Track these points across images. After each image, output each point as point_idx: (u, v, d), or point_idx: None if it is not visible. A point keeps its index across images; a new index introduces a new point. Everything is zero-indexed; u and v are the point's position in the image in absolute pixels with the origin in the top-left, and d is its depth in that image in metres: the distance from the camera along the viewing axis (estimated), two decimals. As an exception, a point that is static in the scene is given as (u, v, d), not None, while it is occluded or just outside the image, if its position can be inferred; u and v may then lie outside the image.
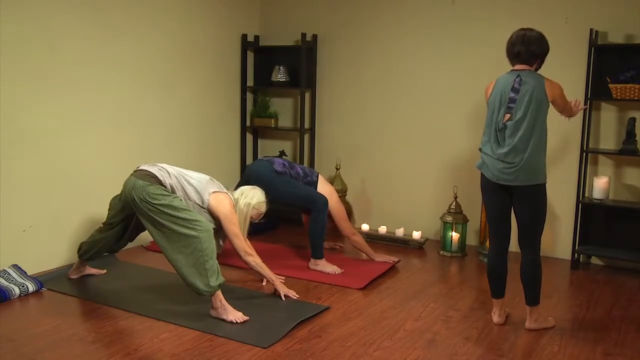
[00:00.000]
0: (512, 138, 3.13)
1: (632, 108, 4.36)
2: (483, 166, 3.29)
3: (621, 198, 4.47)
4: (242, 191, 3.72)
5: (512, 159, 3.13)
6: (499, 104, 3.19)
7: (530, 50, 3.16)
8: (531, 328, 3.28)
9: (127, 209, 3.52)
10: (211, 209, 3.50)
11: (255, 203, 3.69)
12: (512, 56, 3.24)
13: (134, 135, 4.61)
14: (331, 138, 5.57)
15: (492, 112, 3.23)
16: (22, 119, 3.83)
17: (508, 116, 3.15)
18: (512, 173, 3.14)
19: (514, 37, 3.22)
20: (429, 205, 5.11)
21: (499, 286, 3.34)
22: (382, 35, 5.22)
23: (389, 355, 2.94)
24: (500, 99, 3.18)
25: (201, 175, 3.61)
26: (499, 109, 3.19)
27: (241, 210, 3.64)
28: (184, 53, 5.00)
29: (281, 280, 3.76)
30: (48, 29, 3.93)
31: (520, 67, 3.21)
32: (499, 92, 3.20)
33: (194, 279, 3.19)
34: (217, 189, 3.56)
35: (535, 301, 3.26)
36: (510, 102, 3.15)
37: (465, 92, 4.90)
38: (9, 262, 3.75)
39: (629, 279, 4.24)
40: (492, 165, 3.21)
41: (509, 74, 3.23)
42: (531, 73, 3.18)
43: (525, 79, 3.14)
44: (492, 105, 3.23)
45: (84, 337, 3.04)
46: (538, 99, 3.11)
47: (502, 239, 3.33)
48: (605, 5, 4.37)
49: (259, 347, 2.95)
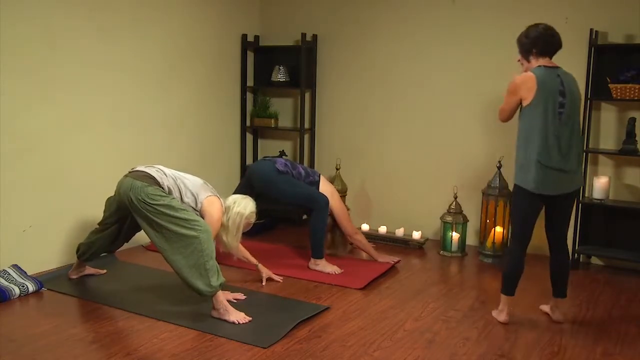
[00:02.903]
0: (569, 145, 3.09)
1: (632, 108, 4.36)
2: (528, 179, 3.12)
3: (621, 198, 4.47)
4: (234, 199, 3.65)
5: (570, 166, 3.12)
6: (552, 107, 3.05)
7: (558, 42, 3.13)
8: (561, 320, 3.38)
9: (121, 210, 3.50)
10: (203, 211, 3.48)
11: (248, 213, 3.63)
12: (542, 48, 3.12)
13: (134, 135, 4.61)
14: (331, 138, 5.57)
15: (543, 118, 3.05)
16: (22, 119, 3.83)
17: (560, 121, 3.06)
18: (568, 181, 3.13)
19: (542, 28, 3.13)
20: (429, 205, 5.11)
21: (516, 284, 3.33)
22: (382, 35, 5.22)
23: (389, 355, 2.94)
24: (553, 102, 3.05)
25: (195, 178, 3.61)
26: (546, 114, 3.05)
27: (233, 220, 3.57)
28: (184, 53, 5.00)
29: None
30: (48, 29, 3.93)
31: (552, 64, 3.14)
32: (548, 94, 3.05)
33: (195, 280, 3.18)
34: (211, 192, 3.55)
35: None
36: (560, 107, 3.06)
37: (466, 92, 4.90)
38: (9, 262, 3.75)
39: (629, 279, 4.24)
40: (546, 175, 3.09)
41: (548, 71, 3.10)
42: (566, 72, 3.15)
43: (565, 78, 3.10)
44: (542, 107, 3.05)
45: (83, 337, 3.04)
46: (577, 100, 3.13)
47: (528, 242, 3.30)
48: (605, 5, 4.37)
49: (259, 347, 2.95)
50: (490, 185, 4.57)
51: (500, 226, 4.54)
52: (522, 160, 3.16)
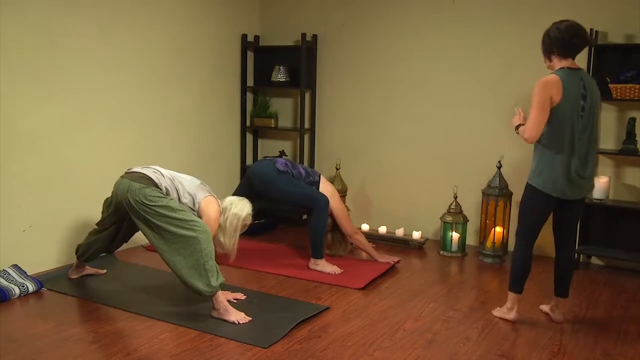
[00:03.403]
0: (588, 151, 3.08)
1: (632, 108, 4.36)
2: (546, 183, 3.09)
3: (621, 198, 4.47)
4: (231, 201, 3.64)
5: (588, 172, 3.12)
6: (575, 112, 3.01)
7: (585, 41, 3.04)
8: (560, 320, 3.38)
9: (119, 211, 3.48)
10: (200, 212, 3.48)
11: (245, 215, 3.62)
12: (562, 48, 3.04)
13: (134, 135, 4.61)
14: (331, 138, 5.57)
15: (566, 121, 3.01)
16: (22, 118, 3.83)
17: (580, 125, 3.02)
18: (584, 186, 3.13)
19: (564, 27, 3.03)
20: (429, 205, 5.11)
21: (524, 281, 3.33)
22: (382, 35, 5.22)
23: (389, 355, 2.94)
24: (577, 106, 3.01)
25: (192, 178, 3.61)
26: (571, 118, 3.00)
27: (230, 221, 3.57)
28: (184, 53, 5.00)
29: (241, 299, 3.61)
30: (48, 28, 3.93)
31: (575, 65, 3.07)
32: (571, 97, 3.00)
33: (195, 280, 3.18)
34: (209, 193, 3.56)
35: None
36: (581, 110, 3.02)
37: (466, 92, 4.90)
38: (9, 262, 3.75)
39: (629, 279, 4.24)
40: (565, 181, 3.07)
41: (570, 73, 3.04)
42: (587, 75, 3.10)
43: (587, 81, 3.04)
44: (566, 111, 3.00)
45: (83, 337, 3.04)
46: (597, 105, 3.09)
47: (535, 239, 3.30)
48: (605, 5, 4.37)
49: (259, 347, 2.95)
50: (490, 185, 4.57)
51: (500, 226, 4.53)
52: (542, 164, 3.11)
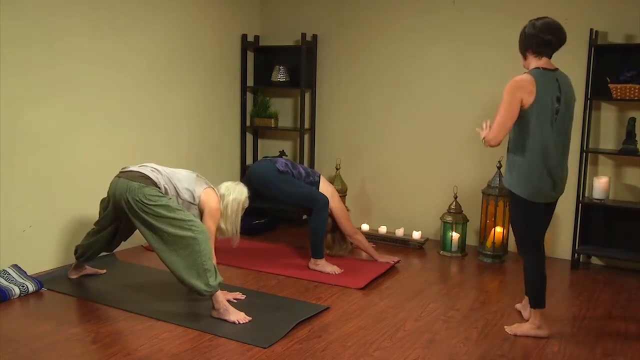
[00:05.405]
0: (564, 150, 3.07)
1: (632, 108, 4.36)
2: (529, 189, 3.02)
3: (621, 198, 4.47)
4: (227, 187, 3.69)
5: (565, 174, 3.11)
6: (550, 114, 2.94)
7: (561, 40, 2.97)
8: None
9: (116, 210, 3.47)
10: (202, 204, 3.50)
11: (244, 199, 3.68)
12: (537, 46, 2.98)
13: (133, 135, 4.61)
14: (331, 138, 5.57)
15: (540, 124, 2.94)
16: (22, 118, 3.83)
17: (554, 127, 2.97)
18: (560, 188, 3.12)
19: (540, 24, 2.97)
20: (429, 205, 5.11)
21: (545, 294, 3.17)
22: (382, 35, 5.22)
23: (389, 355, 2.94)
24: (551, 109, 2.95)
25: (188, 172, 3.61)
26: (544, 120, 2.94)
27: (231, 207, 3.62)
28: (184, 53, 5.00)
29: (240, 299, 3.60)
30: (48, 28, 3.93)
31: (551, 66, 3.01)
32: (545, 99, 2.93)
33: (194, 280, 3.18)
34: (206, 184, 3.57)
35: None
36: (555, 112, 2.96)
37: (466, 92, 4.90)
38: (9, 262, 3.75)
39: (629, 279, 4.24)
40: (546, 184, 3.03)
41: (545, 74, 2.97)
42: (564, 75, 3.04)
43: (562, 82, 2.99)
44: (540, 113, 2.94)
45: (83, 337, 3.04)
46: (572, 107, 3.06)
47: (542, 246, 3.20)
48: (605, 5, 4.37)
49: (259, 347, 2.95)
50: (490, 185, 4.57)
51: (500, 226, 4.54)
52: (521, 170, 3.03)
